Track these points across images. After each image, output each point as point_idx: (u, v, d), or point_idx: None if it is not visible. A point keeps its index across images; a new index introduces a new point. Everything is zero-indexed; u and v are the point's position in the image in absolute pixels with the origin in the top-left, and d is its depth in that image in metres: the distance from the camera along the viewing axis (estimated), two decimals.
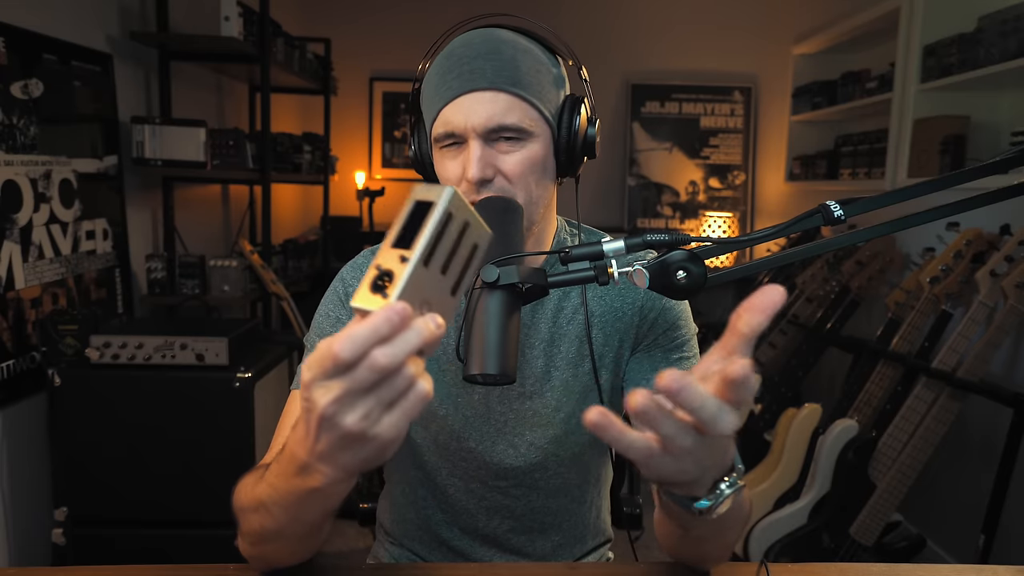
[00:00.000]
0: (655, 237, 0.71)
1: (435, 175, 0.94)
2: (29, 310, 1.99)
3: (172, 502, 1.93)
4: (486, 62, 0.86)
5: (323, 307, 0.99)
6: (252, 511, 0.75)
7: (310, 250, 3.68)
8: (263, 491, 0.71)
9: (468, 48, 0.87)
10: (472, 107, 0.85)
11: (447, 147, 0.89)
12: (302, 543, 0.79)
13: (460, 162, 0.88)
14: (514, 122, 0.86)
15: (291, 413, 0.94)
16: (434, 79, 0.89)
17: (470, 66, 0.86)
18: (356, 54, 4.38)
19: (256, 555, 0.82)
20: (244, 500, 0.78)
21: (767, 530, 2.31)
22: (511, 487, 1.01)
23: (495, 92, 0.85)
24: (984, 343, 2.08)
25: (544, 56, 0.91)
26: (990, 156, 0.74)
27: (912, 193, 0.74)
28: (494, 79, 0.85)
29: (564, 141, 0.91)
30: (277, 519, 0.71)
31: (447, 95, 0.86)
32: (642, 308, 0.98)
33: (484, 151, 0.86)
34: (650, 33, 4.46)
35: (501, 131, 0.86)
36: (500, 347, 0.67)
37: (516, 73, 0.86)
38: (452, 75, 0.86)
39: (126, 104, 2.46)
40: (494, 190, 0.87)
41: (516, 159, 0.87)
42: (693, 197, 4.54)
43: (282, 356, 2.23)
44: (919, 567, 0.93)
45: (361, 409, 0.51)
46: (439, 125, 0.88)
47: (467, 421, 0.97)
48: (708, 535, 0.79)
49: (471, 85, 0.85)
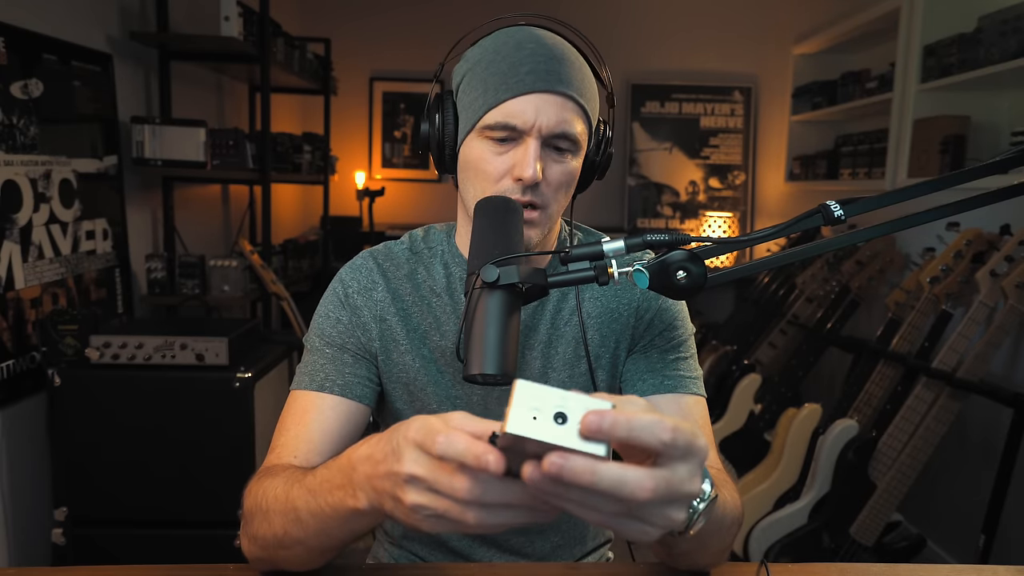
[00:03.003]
0: (655, 237, 0.71)
1: (454, 161, 0.91)
2: (29, 310, 1.99)
3: (172, 502, 1.93)
4: (561, 66, 0.84)
5: (322, 308, 0.98)
6: (278, 514, 0.75)
7: (310, 250, 3.68)
8: (299, 496, 0.72)
9: (540, 46, 0.85)
10: (545, 106, 0.83)
11: (497, 139, 0.86)
12: (321, 556, 0.79)
13: (509, 158, 0.85)
14: (576, 133, 0.85)
15: (293, 412, 0.93)
16: (499, 66, 0.84)
17: (547, 66, 0.83)
18: (356, 54, 4.38)
19: (264, 558, 0.82)
20: (266, 502, 0.77)
21: (767, 530, 2.31)
22: None
23: (566, 99, 0.84)
24: (984, 343, 2.07)
25: (592, 72, 0.90)
26: (990, 156, 0.74)
27: (912, 193, 0.74)
28: (569, 85, 0.84)
29: (591, 161, 0.91)
30: (306, 527, 0.72)
31: (519, 87, 0.83)
32: (638, 309, 0.98)
33: (542, 153, 0.85)
34: (650, 33, 4.46)
35: (561, 138, 0.85)
36: (500, 347, 0.67)
37: (583, 85, 0.86)
38: (525, 68, 0.83)
39: (126, 104, 2.46)
40: (536, 195, 0.86)
41: (562, 170, 0.87)
42: (693, 197, 4.54)
43: (282, 356, 2.23)
44: (919, 567, 0.93)
45: (431, 502, 0.55)
46: (499, 114, 0.84)
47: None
48: (694, 548, 0.79)
49: (547, 85, 0.83)
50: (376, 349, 0.96)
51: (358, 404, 0.93)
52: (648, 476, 0.50)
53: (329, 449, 0.90)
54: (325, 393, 0.92)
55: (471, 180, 0.89)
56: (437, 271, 0.98)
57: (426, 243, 1.01)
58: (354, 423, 0.94)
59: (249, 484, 0.86)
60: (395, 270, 0.98)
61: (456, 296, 0.97)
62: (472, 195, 0.89)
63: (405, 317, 0.96)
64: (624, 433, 0.49)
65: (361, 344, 0.96)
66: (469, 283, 0.72)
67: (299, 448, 0.88)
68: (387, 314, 0.96)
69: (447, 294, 0.97)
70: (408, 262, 0.99)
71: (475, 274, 0.70)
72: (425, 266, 0.98)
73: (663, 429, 0.50)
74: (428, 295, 0.97)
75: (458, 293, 0.97)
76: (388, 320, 0.96)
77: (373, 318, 0.96)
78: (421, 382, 0.96)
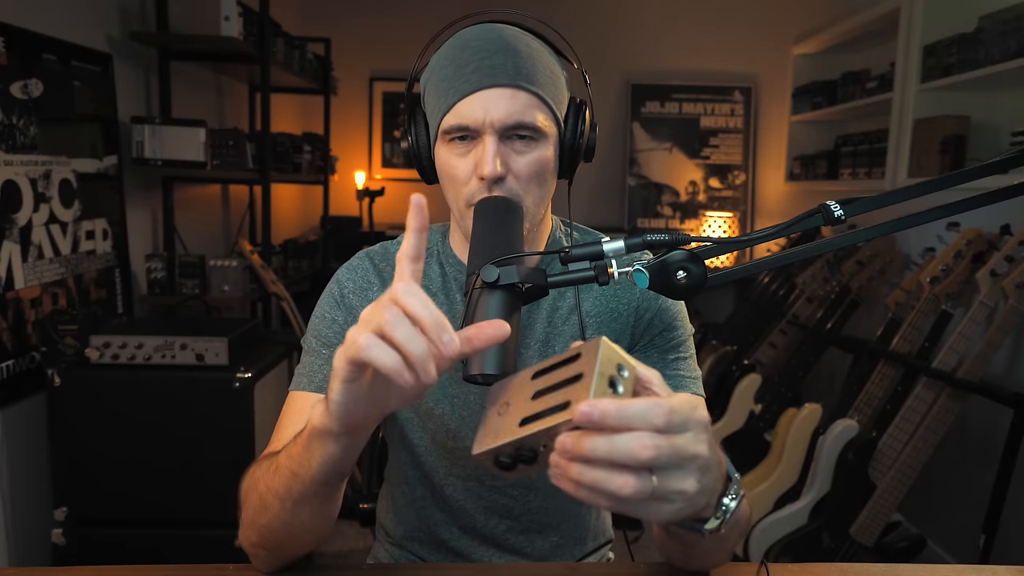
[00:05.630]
0: (655, 237, 0.71)
1: (433, 170, 0.92)
2: (29, 310, 1.99)
3: (172, 502, 1.93)
4: (506, 58, 0.84)
5: (319, 309, 0.99)
6: (261, 476, 0.78)
7: (310, 250, 3.68)
8: (282, 454, 0.75)
9: (485, 42, 0.85)
10: (492, 102, 0.83)
11: (456, 141, 0.86)
12: (295, 510, 0.75)
13: (471, 158, 0.86)
14: (532, 121, 0.85)
15: (291, 412, 0.94)
16: (448, 70, 0.86)
17: (490, 61, 0.84)
18: (356, 54, 4.38)
19: (258, 542, 0.81)
20: (254, 476, 0.80)
21: (767, 530, 2.31)
22: (508, 486, 1.01)
23: (515, 89, 0.84)
24: (984, 343, 2.07)
25: (553, 58, 0.90)
26: (990, 156, 0.74)
27: (912, 193, 0.74)
28: (515, 76, 0.84)
29: (569, 145, 0.91)
30: (280, 472, 0.74)
31: (464, 88, 0.84)
32: (638, 309, 0.98)
33: (500, 148, 0.84)
34: (650, 33, 4.46)
35: (518, 129, 0.85)
36: (500, 347, 0.67)
37: (534, 72, 0.85)
38: (469, 68, 0.84)
39: (126, 104, 2.46)
40: (504, 189, 0.85)
41: (528, 160, 0.86)
42: (693, 197, 4.54)
43: (282, 356, 2.23)
44: (919, 567, 0.93)
45: (405, 332, 0.55)
46: (452, 118, 0.85)
47: (464, 420, 0.97)
48: (713, 547, 0.79)
49: (491, 80, 0.83)
50: None
51: None
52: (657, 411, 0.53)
53: None
54: (322, 394, 0.93)
55: (446, 186, 0.91)
56: (433, 270, 0.99)
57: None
58: None
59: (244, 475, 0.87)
60: (391, 270, 0.99)
61: (452, 295, 0.98)
62: (451, 199, 0.91)
63: None
64: (615, 422, 0.51)
65: None
66: (469, 283, 0.72)
67: None
68: None
69: (443, 293, 0.98)
70: None
71: (475, 274, 0.70)
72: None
73: (657, 415, 0.52)
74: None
75: (453, 292, 0.98)
76: None
77: None
78: None
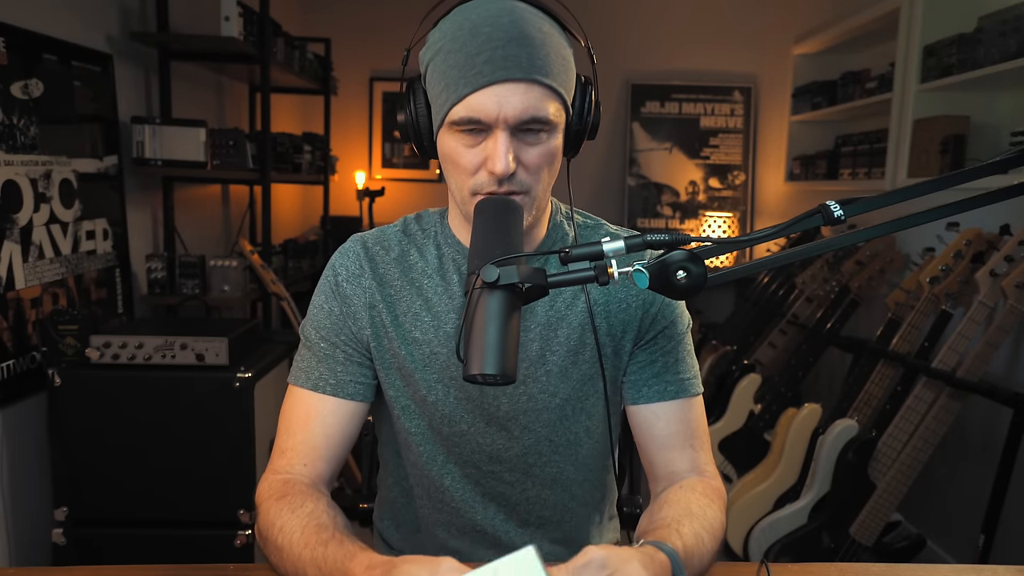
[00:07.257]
0: (655, 237, 0.72)
1: (434, 149, 0.91)
2: (29, 310, 1.99)
3: (172, 502, 1.93)
4: (520, 49, 0.80)
5: (316, 298, 1.00)
6: (290, 563, 0.83)
7: (310, 250, 3.68)
8: (310, 563, 0.80)
9: (496, 28, 0.81)
10: (506, 97, 0.81)
11: (465, 132, 0.84)
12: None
13: (480, 151, 0.84)
14: (545, 115, 0.83)
15: (297, 415, 0.96)
16: (457, 56, 0.82)
17: (504, 51, 0.80)
18: (356, 54, 4.38)
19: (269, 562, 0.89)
20: (281, 538, 0.85)
21: (767, 530, 2.32)
22: (505, 472, 1.01)
23: (529, 84, 0.81)
24: (984, 343, 2.07)
25: (562, 36, 0.86)
26: (990, 156, 0.74)
27: (912, 193, 0.74)
28: (530, 69, 0.81)
29: (576, 126, 0.90)
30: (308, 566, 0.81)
31: (477, 81, 0.81)
32: (645, 301, 0.98)
33: (511, 143, 0.83)
34: (650, 33, 4.46)
35: (532, 123, 0.83)
36: (500, 347, 0.67)
37: (548, 63, 0.82)
38: (482, 58, 0.80)
39: (126, 104, 2.46)
40: (514, 183, 0.85)
41: (539, 151, 0.85)
42: (693, 197, 4.54)
43: (282, 356, 2.23)
44: (919, 567, 0.93)
45: None
46: (462, 109, 0.82)
47: (458, 404, 0.97)
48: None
49: (505, 74, 0.80)
50: (368, 337, 0.98)
51: (353, 403, 0.98)
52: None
53: (332, 453, 0.97)
54: (321, 394, 0.97)
55: (450, 173, 0.89)
56: (430, 252, 0.99)
57: (419, 224, 1.02)
58: (353, 423, 0.99)
59: (261, 488, 0.91)
60: (384, 254, 0.99)
61: (448, 277, 0.97)
62: (454, 185, 0.90)
63: (393, 303, 0.98)
64: None
65: (352, 335, 0.98)
66: (469, 283, 0.72)
67: (307, 456, 0.95)
68: (375, 300, 0.98)
69: (439, 275, 0.98)
70: (399, 244, 1.00)
71: (475, 274, 0.70)
72: (418, 247, 0.99)
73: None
74: (419, 276, 0.98)
75: (450, 274, 0.97)
76: (377, 307, 0.97)
77: (363, 305, 0.98)
78: (413, 366, 0.97)
